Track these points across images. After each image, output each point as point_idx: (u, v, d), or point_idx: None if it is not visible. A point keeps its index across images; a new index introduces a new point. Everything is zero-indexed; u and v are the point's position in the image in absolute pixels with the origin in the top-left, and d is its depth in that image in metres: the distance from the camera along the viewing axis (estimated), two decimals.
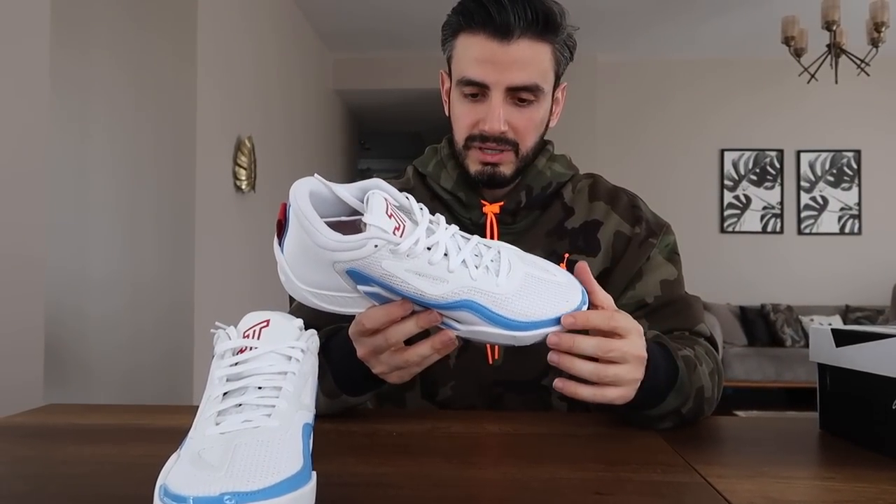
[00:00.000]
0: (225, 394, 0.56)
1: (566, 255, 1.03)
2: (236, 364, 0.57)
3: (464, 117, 0.99)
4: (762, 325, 5.51)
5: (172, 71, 3.06)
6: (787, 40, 4.33)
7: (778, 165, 5.98)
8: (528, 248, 1.04)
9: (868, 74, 4.62)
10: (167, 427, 0.83)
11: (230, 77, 3.61)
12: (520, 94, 0.95)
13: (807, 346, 5.39)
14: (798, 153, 5.97)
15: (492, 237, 1.02)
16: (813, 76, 4.60)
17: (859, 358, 0.76)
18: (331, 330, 0.88)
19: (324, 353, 0.83)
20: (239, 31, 3.76)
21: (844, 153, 5.94)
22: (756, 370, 5.16)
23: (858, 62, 4.44)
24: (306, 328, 0.95)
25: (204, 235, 3.26)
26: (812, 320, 5.44)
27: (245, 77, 3.84)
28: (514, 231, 1.04)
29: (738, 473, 0.65)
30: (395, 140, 8.48)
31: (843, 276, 5.86)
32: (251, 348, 0.58)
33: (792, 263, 5.92)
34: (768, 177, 5.99)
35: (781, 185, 5.98)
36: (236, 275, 3.69)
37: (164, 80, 3.00)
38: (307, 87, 5.21)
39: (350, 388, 0.85)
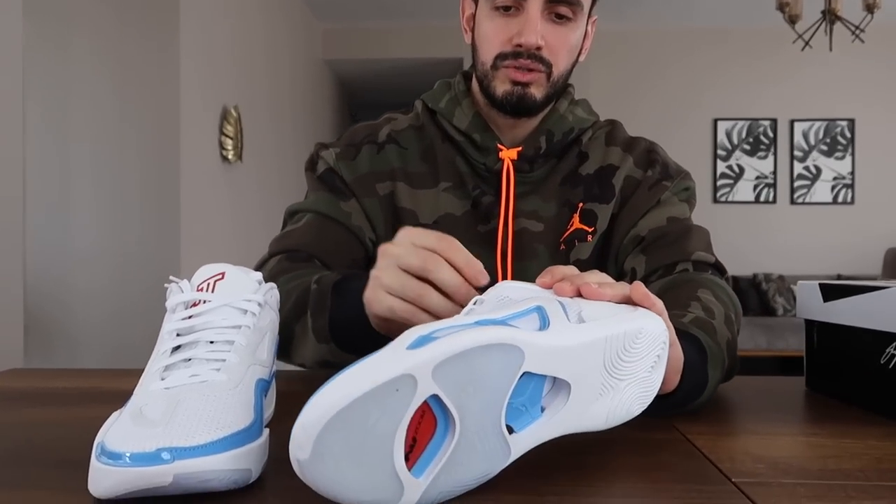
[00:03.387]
0: (175, 349, 0.53)
1: (580, 205, 0.98)
2: (188, 318, 0.54)
3: (495, 34, 0.91)
4: (754, 295, 5.50)
5: (154, 39, 3.00)
6: (781, 6, 4.26)
7: (771, 135, 5.94)
8: (543, 200, 0.98)
9: (863, 42, 4.56)
10: (132, 390, 0.80)
11: (214, 45, 3.54)
12: (558, 9, 0.89)
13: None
14: (792, 122, 5.92)
15: (507, 186, 0.96)
16: (807, 43, 4.55)
17: (847, 312, 0.73)
18: (350, 274, 0.79)
19: (334, 291, 0.76)
20: None
21: (838, 122, 5.90)
22: (747, 339, 5.16)
23: (853, 29, 4.38)
24: (311, 254, 0.92)
25: (190, 206, 3.22)
26: None
27: (229, 46, 3.77)
28: (530, 181, 0.98)
29: (719, 431, 0.63)
30: (386, 111, 8.35)
31: (836, 245, 5.85)
32: (204, 301, 0.55)
33: (784, 233, 5.90)
34: (762, 146, 5.94)
35: (775, 154, 5.94)
36: (223, 246, 3.65)
37: (146, 49, 2.93)
38: (295, 57, 5.13)
39: (342, 334, 0.75)
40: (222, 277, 0.57)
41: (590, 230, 0.97)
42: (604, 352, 0.48)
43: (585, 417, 0.49)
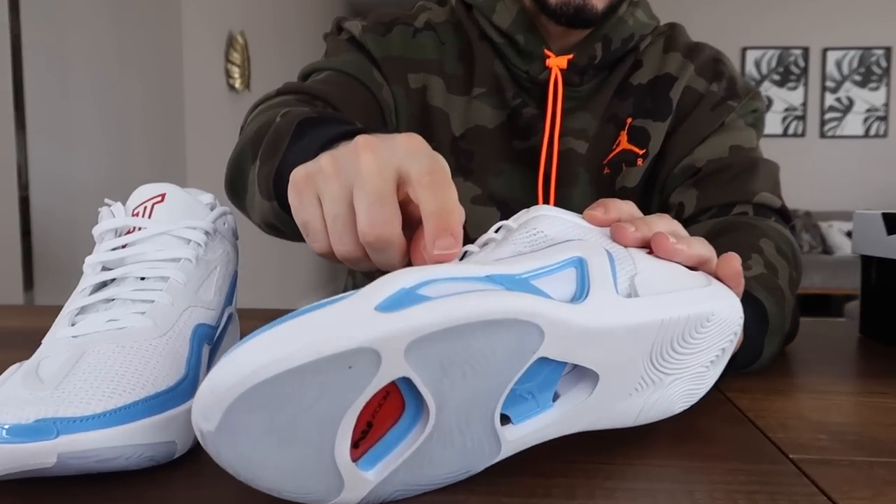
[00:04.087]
0: (100, 286, 0.43)
1: (629, 121, 0.81)
2: (122, 247, 0.44)
3: None
4: None
5: None
6: None
7: (802, 64, 5.67)
8: (590, 118, 0.82)
9: None
10: None
11: None
12: None
13: (824, 252, 5.26)
14: (824, 51, 5.65)
15: (554, 101, 0.80)
16: None
17: None
18: (336, 117, 0.56)
19: (297, 131, 0.53)
20: None
21: (874, 51, 5.61)
22: None
23: None
24: (330, 103, 0.74)
25: (196, 137, 3.11)
26: (831, 226, 5.27)
27: None
28: (579, 96, 0.82)
29: (764, 388, 0.52)
30: None
31: (866, 180, 5.64)
32: (139, 228, 0.45)
33: (813, 168, 5.69)
34: (791, 77, 5.68)
35: (805, 85, 5.68)
36: None
37: None
38: None
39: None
40: (162, 200, 0.46)
41: (640, 152, 0.81)
42: (654, 340, 0.35)
43: (610, 414, 0.37)
